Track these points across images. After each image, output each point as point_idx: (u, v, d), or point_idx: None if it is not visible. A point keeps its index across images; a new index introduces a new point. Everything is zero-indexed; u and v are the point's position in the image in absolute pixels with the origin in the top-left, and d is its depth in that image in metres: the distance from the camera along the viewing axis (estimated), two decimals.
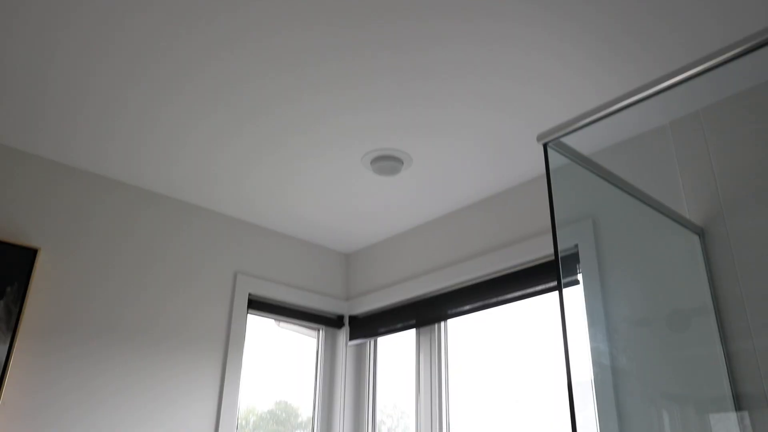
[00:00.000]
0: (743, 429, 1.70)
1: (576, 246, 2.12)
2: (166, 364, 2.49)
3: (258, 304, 2.88)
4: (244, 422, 2.85)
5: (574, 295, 1.89)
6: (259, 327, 2.95)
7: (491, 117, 2.11)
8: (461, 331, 2.79)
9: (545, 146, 1.53)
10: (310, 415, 3.04)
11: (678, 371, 1.86)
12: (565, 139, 1.57)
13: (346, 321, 3.17)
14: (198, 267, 2.71)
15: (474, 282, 2.63)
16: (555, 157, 1.55)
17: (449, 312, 2.69)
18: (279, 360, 3.04)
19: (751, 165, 1.86)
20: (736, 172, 1.89)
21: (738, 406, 1.74)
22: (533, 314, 2.53)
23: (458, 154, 2.35)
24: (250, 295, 2.84)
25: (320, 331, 3.18)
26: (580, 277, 2.04)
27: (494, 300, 2.52)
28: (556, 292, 2.35)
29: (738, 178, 1.88)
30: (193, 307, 2.63)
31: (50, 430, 2.15)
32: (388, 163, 2.37)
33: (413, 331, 2.91)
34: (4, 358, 2.07)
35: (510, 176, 2.51)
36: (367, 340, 3.12)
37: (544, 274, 2.37)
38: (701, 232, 1.91)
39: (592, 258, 2.06)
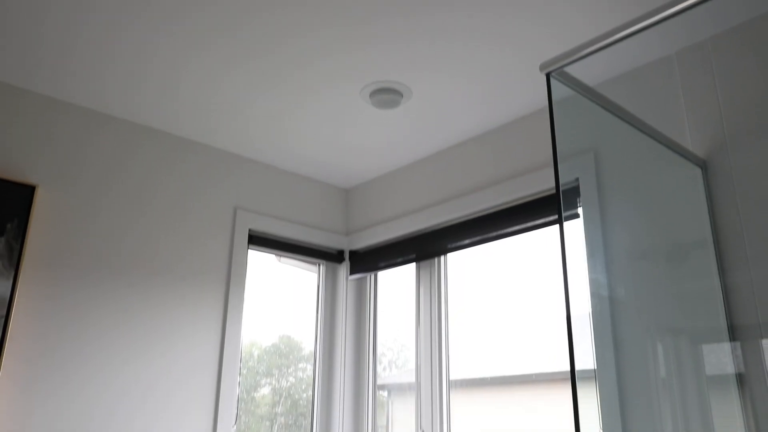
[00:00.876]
0: (735, 359, 1.73)
1: (577, 179, 2.10)
2: (169, 297, 2.52)
3: (258, 240, 2.89)
4: (247, 356, 2.91)
5: (574, 229, 1.89)
6: (259, 262, 2.98)
7: (491, 50, 2.06)
8: (461, 265, 2.81)
9: (548, 76, 1.49)
10: (313, 348, 3.10)
11: (675, 303, 1.88)
12: (568, 70, 1.53)
13: (347, 256, 3.19)
14: (197, 202, 2.70)
15: (474, 216, 2.63)
16: (557, 88, 1.52)
17: (449, 246, 2.71)
18: (281, 295, 3.08)
19: (758, 96, 1.82)
20: (743, 103, 1.85)
21: (732, 337, 1.76)
22: (532, 248, 2.54)
23: (458, 88, 2.31)
24: (250, 230, 2.85)
25: (321, 266, 3.20)
26: (580, 210, 2.03)
27: (494, 234, 2.53)
28: (556, 226, 2.35)
29: (744, 110, 1.85)
30: (193, 242, 2.64)
31: (55, 359, 2.20)
32: (387, 96, 2.32)
33: (413, 265, 2.94)
34: (9, 293, 2.10)
35: (510, 110, 2.48)
36: (368, 275, 3.15)
37: (544, 208, 2.37)
38: (703, 165, 1.89)
39: (592, 191, 2.05)
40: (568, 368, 2.28)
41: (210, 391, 2.55)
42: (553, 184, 2.35)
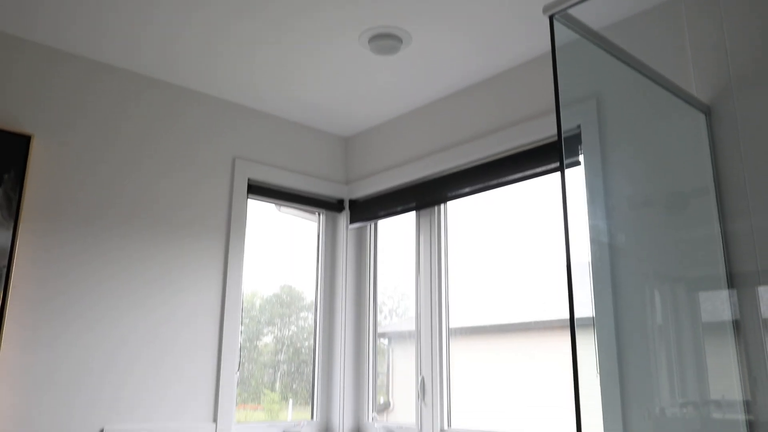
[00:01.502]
0: (732, 306, 1.74)
1: (578, 126, 2.07)
2: (169, 246, 2.52)
3: (258, 189, 2.88)
4: (250, 306, 2.94)
5: (575, 177, 1.88)
6: (259, 212, 2.97)
7: None
8: (461, 213, 2.80)
9: (551, 18, 1.45)
10: (314, 298, 3.13)
11: (674, 251, 1.88)
12: (571, 12, 1.49)
13: (347, 205, 3.18)
14: (196, 152, 2.68)
15: (474, 164, 2.61)
16: (560, 32, 1.48)
17: (449, 194, 2.69)
18: (281, 245, 3.09)
19: (765, 42, 1.78)
20: (750, 49, 1.81)
21: (730, 284, 1.76)
22: (532, 197, 2.53)
23: (458, 33, 2.26)
24: (249, 179, 2.84)
25: (321, 215, 3.20)
26: (581, 158, 2.01)
27: (494, 182, 2.52)
28: (556, 174, 2.33)
29: (750, 56, 1.80)
30: (192, 192, 2.63)
31: (57, 307, 2.22)
32: (386, 42, 2.27)
33: (413, 213, 2.93)
34: (9, 243, 2.10)
35: (511, 57, 2.43)
36: (368, 224, 3.15)
37: (545, 156, 2.35)
38: (708, 111, 1.86)
39: (594, 139, 2.03)
40: (564, 316, 2.30)
41: (213, 338, 2.58)
42: (553, 131, 2.32)
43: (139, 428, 2.32)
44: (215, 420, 2.52)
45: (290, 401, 2.99)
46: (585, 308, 1.82)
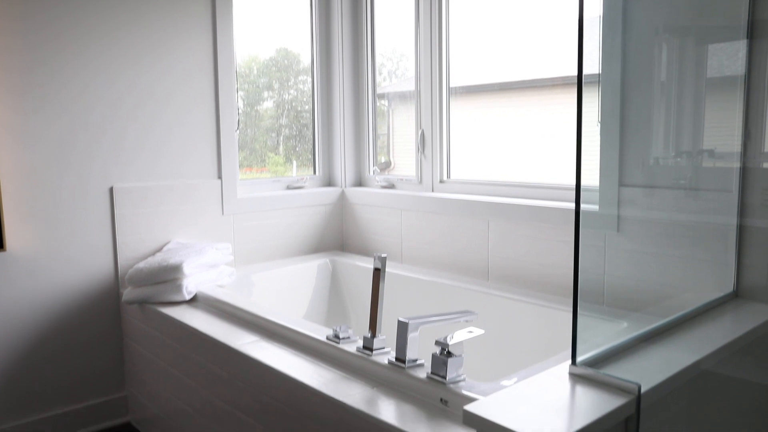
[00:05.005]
0: (744, 58, 1.69)
1: None
2: (155, 6, 2.37)
3: None
4: (247, 71, 2.86)
5: None
6: None
7: None
8: None
9: None
10: (310, 60, 3.03)
11: None
12: None
13: None
14: None
15: None
16: None
17: None
18: (274, 4, 2.92)
19: None
20: None
21: (749, 34, 1.69)
22: None
23: None
24: None
25: None
26: None
27: None
28: None
29: None
30: None
31: (49, 69, 2.17)
32: None
33: None
34: None
35: None
36: None
37: None
38: None
39: None
40: (567, 73, 2.25)
41: (209, 97, 2.55)
42: None
43: (147, 185, 2.40)
44: (220, 177, 2.60)
45: (294, 162, 3.06)
46: (592, 61, 1.77)
